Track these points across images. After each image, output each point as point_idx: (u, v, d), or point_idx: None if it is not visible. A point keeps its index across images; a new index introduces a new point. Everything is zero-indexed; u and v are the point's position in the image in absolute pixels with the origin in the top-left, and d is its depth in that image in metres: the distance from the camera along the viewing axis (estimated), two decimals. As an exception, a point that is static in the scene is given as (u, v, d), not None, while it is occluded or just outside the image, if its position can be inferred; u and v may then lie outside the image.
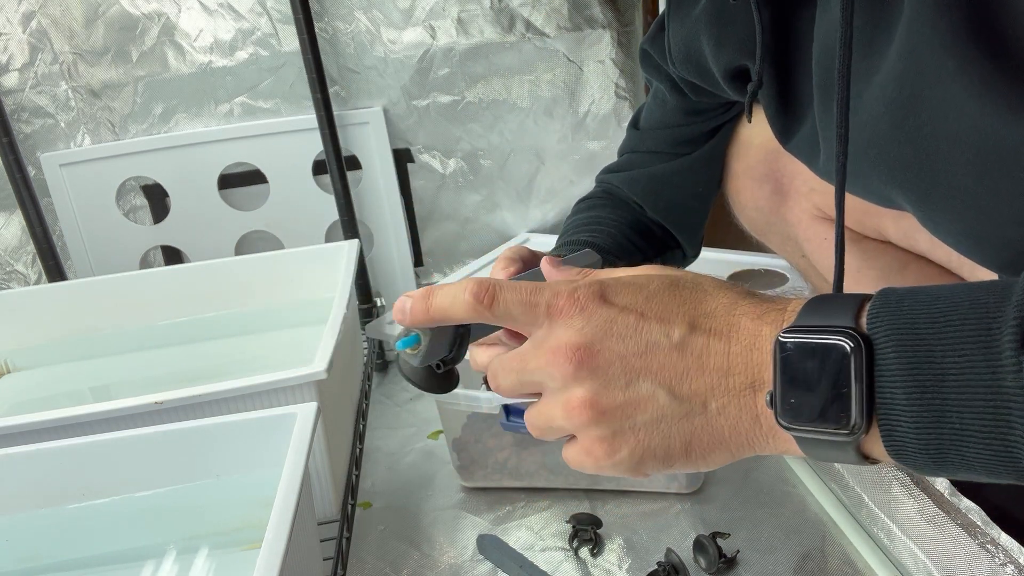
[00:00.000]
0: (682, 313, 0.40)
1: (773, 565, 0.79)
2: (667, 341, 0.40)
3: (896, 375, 0.34)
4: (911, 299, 0.36)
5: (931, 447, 0.34)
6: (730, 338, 0.39)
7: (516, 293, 0.42)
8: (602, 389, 0.40)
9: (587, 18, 1.21)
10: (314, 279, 1.02)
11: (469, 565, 0.84)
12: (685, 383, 0.40)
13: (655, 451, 0.41)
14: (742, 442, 0.40)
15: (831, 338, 0.36)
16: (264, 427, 0.65)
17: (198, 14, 1.15)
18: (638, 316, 0.40)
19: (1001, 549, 0.61)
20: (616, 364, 0.40)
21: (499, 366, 0.44)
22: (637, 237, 0.79)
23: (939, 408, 0.33)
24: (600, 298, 0.40)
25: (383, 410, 1.17)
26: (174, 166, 1.20)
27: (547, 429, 0.44)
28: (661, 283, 0.41)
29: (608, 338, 0.40)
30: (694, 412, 0.40)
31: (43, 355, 1.00)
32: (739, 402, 0.39)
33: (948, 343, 0.33)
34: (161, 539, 0.65)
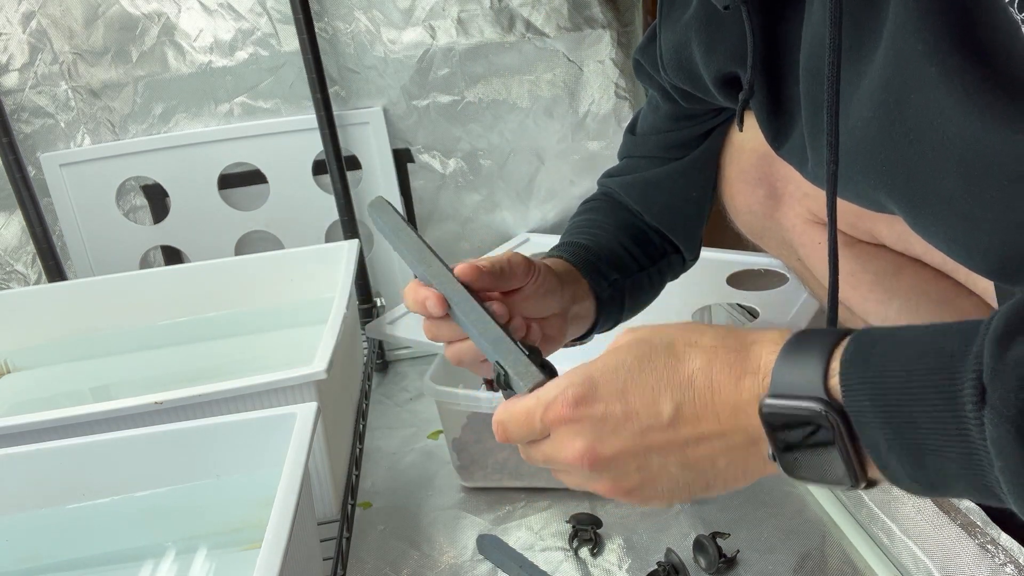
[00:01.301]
0: (662, 389, 0.43)
1: (773, 565, 0.79)
2: (659, 422, 0.43)
3: (873, 424, 0.37)
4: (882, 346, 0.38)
5: (923, 483, 0.37)
6: (715, 404, 0.42)
7: (517, 424, 0.48)
8: (619, 479, 0.46)
9: (587, 18, 1.21)
10: (314, 279, 1.02)
11: (469, 565, 0.84)
12: (689, 453, 0.44)
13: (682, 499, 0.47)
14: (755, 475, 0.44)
15: (806, 406, 0.38)
16: (264, 427, 0.65)
17: (198, 14, 1.15)
18: (624, 407, 0.44)
19: (1001, 549, 0.61)
20: (621, 455, 0.44)
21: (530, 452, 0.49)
22: (631, 243, 0.79)
23: (918, 454, 0.36)
24: (584, 399, 0.44)
25: (383, 410, 1.17)
26: (174, 166, 1.20)
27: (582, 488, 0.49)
28: (635, 361, 0.44)
29: (605, 437, 0.44)
30: (705, 470, 0.44)
31: (43, 355, 1.00)
32: (745, 454, 0.43)
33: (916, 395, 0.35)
34: (161, 539, 0.65)
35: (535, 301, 0.63)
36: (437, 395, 0.89)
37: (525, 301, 0.62)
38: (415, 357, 1.30)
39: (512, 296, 0.61)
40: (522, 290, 0.62)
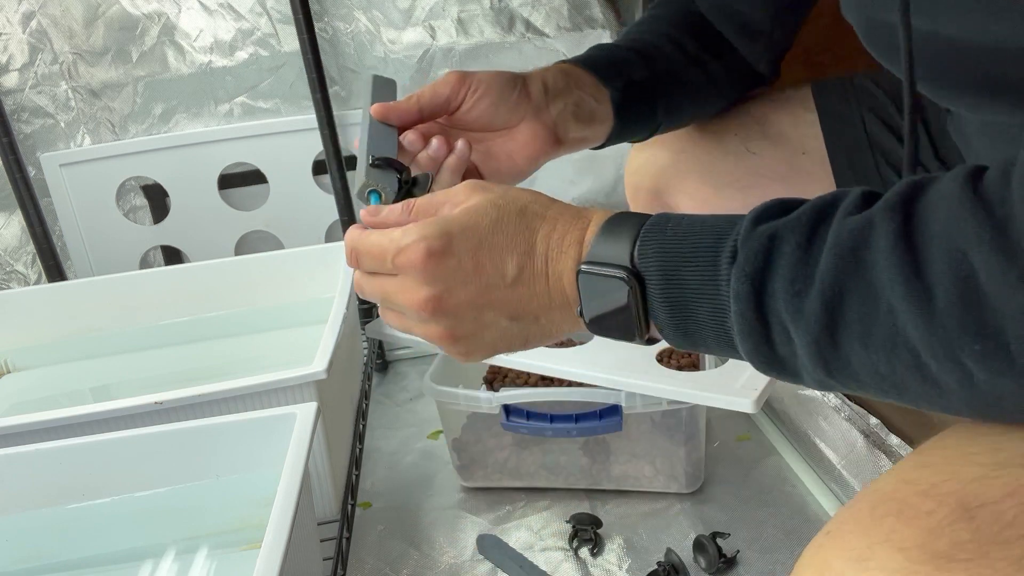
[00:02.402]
0: (510, 252, 0.48)
1: (773, 565, 0.79)
2: (502, 281, 0.48)
3: (656, 289, 0.45)
4: (674, 225, 0.45)
5: (687, 337, 0.45)
6: (547, 269, 0.48)
7: (368, 254, 0.50)
8: (455, 325, 0.49)
9: (587, 18, 1.21)
10: (314, 279, 1.02)
11: (469, 565, 0.84)
12: (520, 308, 0.49)
13: (501, 350, 0.52)
14: (564, 331, 0.51)
15: (611, 272, 0.45)
16: (264, 427, 0.65)
17: (198, 14, 1.15)
18: (474, 263, 0.48)
19: (1001, 549, 0.61)
20: (463, 306, 0.49)
21: (368, 287, 0.52)
22: (683, 34, 0.76)
23: (683, 305, 0.44)
24: (440, 252, 0.48)
25: (383, 410, 1.17)
26: (174, 166, 1.20)
27: (405, 331, 0.52)
28: (489, 222, 0.48)
29: (453, 288, 0.48)
30: (529, 325, 0.50)
31: (43, 355, 1.00)
32: (561, 313, 0.49)
33: (688, 259, 0.44)
34: (161, 539, 0.65)
35: (482, 113, 0.64)
36: (437, 395, 0.89)
37: (470, 116, 0.64)
38: (415, 357, 1.30)
39: (456, 116, 0.64)
40: (461, 107, 0.64)
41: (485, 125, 0.65)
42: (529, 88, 0.66)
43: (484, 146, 0.66)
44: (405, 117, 0.63)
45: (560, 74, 0.69)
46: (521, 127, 0.66)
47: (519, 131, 0.66)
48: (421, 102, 0.63)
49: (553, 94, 0.67)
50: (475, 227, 0.48)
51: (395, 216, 0.52)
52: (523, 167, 0.68)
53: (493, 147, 0.66)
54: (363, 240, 0.51)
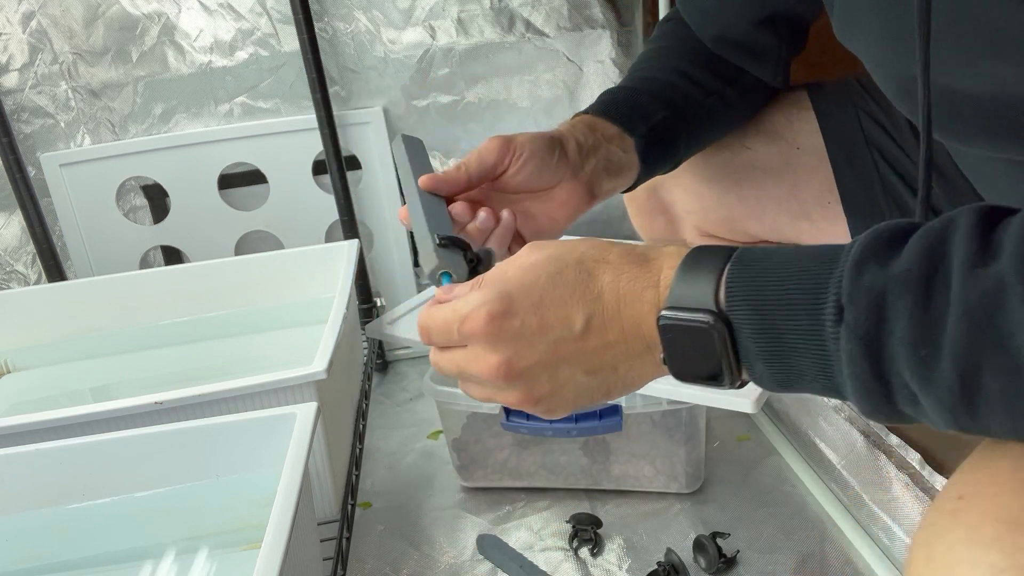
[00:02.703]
0: (575, 303, 0.47)
1: (773, 565, 0.79)
2: (571, 334, 0.47)
3: (748, 334, 0.42)
4: (761, 267, 0.43)
5: (780, 382, 0.43)
6: (620, 317, 0.46)
7: (438, 329, 0.50)
8: (531, 389, 0.48)
9: (587, 18, 1.21)
10: (314, 279, 1.02)
11: (469, 565, 0.84)
12: (595, 360, 0.47)
13: (584, 404, 0.50)
14: (649, 379, 0.49)
15: (696, 318, 0.43)
16: (264, 427, 0.65)
17: (198, 14, 1.15)
18: (539, 321, 0.47)
19: (1001, 549, 0.61)
20: (535, 367, 0.47)
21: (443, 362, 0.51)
22: (701, 71, 0.76)
23: (783, 358, 0.42)
24: (496, 318, 0.47)
25: (383, 410, 1.17)
26: (174, 166, 1.20)
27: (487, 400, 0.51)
28: (547, 277, 0.47)
29: (521, 350, 0.47)
30: (608, 376, 0.48)
31: (43, 355, 1.00)
32: (641, 361, 0.47)
33: (786, 311, 0.41)
34: (161, 539, 0.65)
35: (526, 177, 0.64)
36: (437, 395, 0.89)
37: (514, 180, 0.64)
38: (415, 357, 1.30)
39: (500, 180, 0.64)
40: (506, 172, 0.64)
41: (527, 187, 0.66)
42: (566, 149, 0.67)
43: (523, 207, 0.66)
44: (454, 188, 0.63)
45: (587, 129, 0.69)
46: (560, 187, 0.66)
47: (557, 191, 0.66)
48: (470, 171, 0.63)
49: (586, 152, 0.68)
50: (533, 283, 0.47)
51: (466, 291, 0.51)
52: (562, 224, 0.68)
53: (532, 208, 0.67)
54: (431, 316, 0.51)
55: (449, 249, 0.56)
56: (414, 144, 0.67)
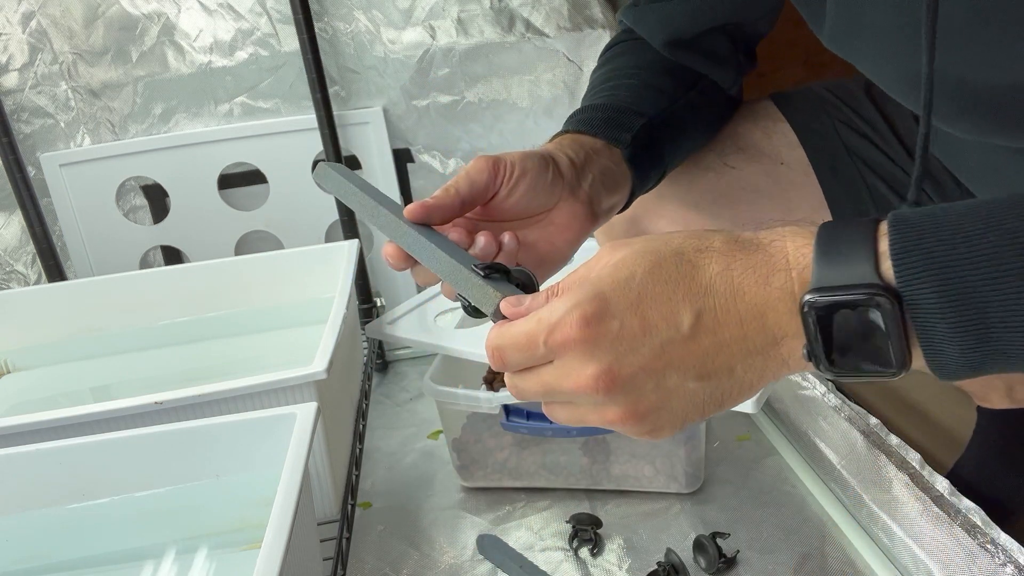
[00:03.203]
0: (680, 299, 0.40)
1: (773, 565, 0.79)
2: (679, 335, 0.40)
3: (934, 311, 0.36)
4: (931, 229, 0.36)
5: (974, 364, 0.37)
6: (738, 308, 0.40)
7: (515, 348, 0.43)
8: (636, 401, 0.42)
9: (587, 18, 1.21)
10: (314, 279, 1.02)
11: (469, 565, 0.84)
12: (708, 363, 0.41)
13: (694, 418, 0.43)
14: (767, 381, 0.42)
15: (859, 296, 0.36)
16: (264, 427, 0.65)
17: (198, 14, 1.15)
18: (641, 321, 0.40)
19: (1001, 549, 0.61)
20: (640, 375, 0.41)
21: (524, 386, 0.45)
22: (658, 76, 0.73)
23: (983, 335, 0.35)
24: (596, 318, 0.40)
25: (383, 410, 1.17)
26: (174, 166, 1.20)
27: (578, 423, 0.44)
28: (645, 272, 0.41)
29: (623, 357, 0.41)
30: (722, 380, 0.42)
31: (43, 355, 1.00)
32: (764, 359, 0.41)
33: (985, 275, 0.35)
34: (161, 539, 0.65)
35: (520, 198, 0.58)
36: (437, 395, 0.89)
37: (507, 203, 0.58)
38: (415, 357, 1.30)
39: (492, 205, 0.58)
40: (498, 195, 0.58)
41: (522, 211, 0.59)
42: (559, 165, 0.61)
43: (520, 235, 0.59)
44: (447, 214, 0.56)
45: (575, 144, 0.65)
46: (558, 208, 0.60)
47: (557, 213, 0.60)
48: (461, 195, 0.56)
49: (580, 167, 0.63)
50: (629, 280, 0.41)
51: (540, 301, 0.44)
52: (565, 252, 0.61)
53: (530, 235, 0.60)
54: (506, 333, 0.43)
55: (495, 279, 0.48)
56: (346, 171, 0.59)
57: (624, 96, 0.72)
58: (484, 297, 0.47)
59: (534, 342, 0.42)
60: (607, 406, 0.42)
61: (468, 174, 0.57)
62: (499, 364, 0.44)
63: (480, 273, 0.48)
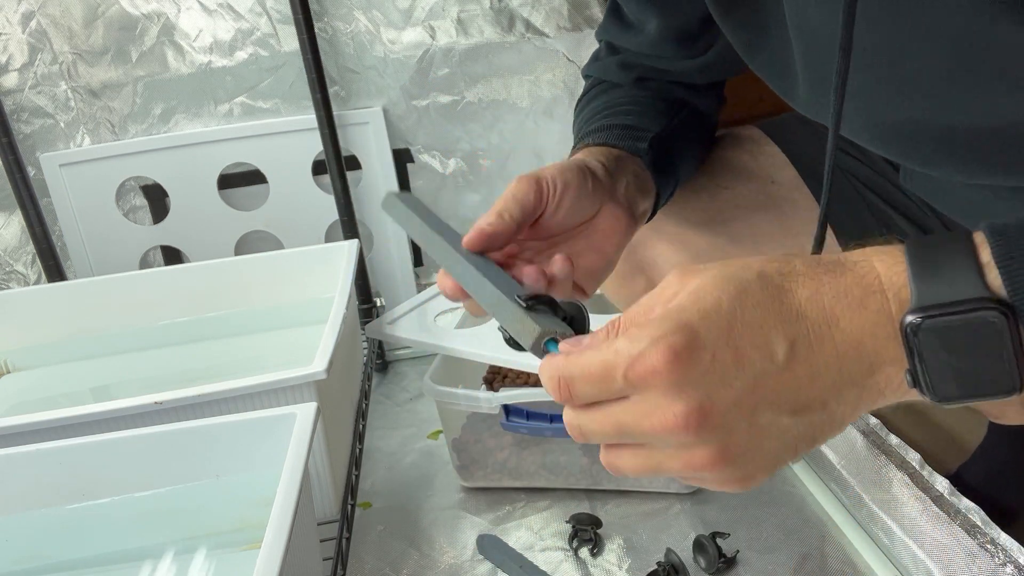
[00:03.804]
0: (772, 326, 0.37)
1: (773, 565, 0.79)
2: (773, 367, 0.37)
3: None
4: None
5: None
6: (833, 335, 0.37)
7: (586, 378, 0.39)
8: (727, 441, 0.37)
9: (587, 18, 1.21)
10: (314, 279, 1.02)
11: (469, 565, 0.84)
12: (802, 396, 0.38)
13: (785, 461, 0.39)
14: (864, 411, 0.39)
15: (973, 315, 0.34)
16: (264, 427, 0.65)
17: (197, 14, 1.15)
18: (734, 353, 0.37)
19: (1001, 549, 0.61)
20: (732, 412, 0.37)
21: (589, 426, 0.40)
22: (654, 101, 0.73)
23: None
24: (681, 356, 0.36)
25: (383, 410, 1.17)
26: (174, 166, 1.20)
27: (650, 474, 0.40)
28: (731, 299, 0.37)
29: (716, 391, 0.37)
30: (816, 415, 0.38)
31: (43, 355, 1.00)
32: (859, 390, 0.38)
33: None
34: (161, 539, 0.65)
35: (567, 212, 0.57)
36: (437, 395, 0.89)
37: (555, 219, 0.57)
38: (415, 357, 1.30)
39: (539, 223, 0.57)
40: (545, 212, 0.56)
41: (569, 224, 0.58)
42: (595, 172, 0.60)
43: (567, 247, 0.59)
44: (506, 240, 0.54)
45: (603, 153, 0.64)
46: (601, 215, 0.60)
47: (600, 220, 0.60)
48: (515, 219, 0.54)
49: (613, 172, 0.62)
50: (717, 308, 0.37)
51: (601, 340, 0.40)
52: (612, 257, 0.61)
53: (576, 246, 0.59)
54: (574, 363, 0.39)
55: (540, 311, 0.45)
56: (411, 200, 0.58)
57: (624, 119, 0.72)
58: (523, 329, 0.44)
59: (610, 374, 0.38)
60: (694, 448, 0.37)
61: (515, 197, 0.55)
62: (564, 396, 0.40)
63: (523, 304, 0.45)
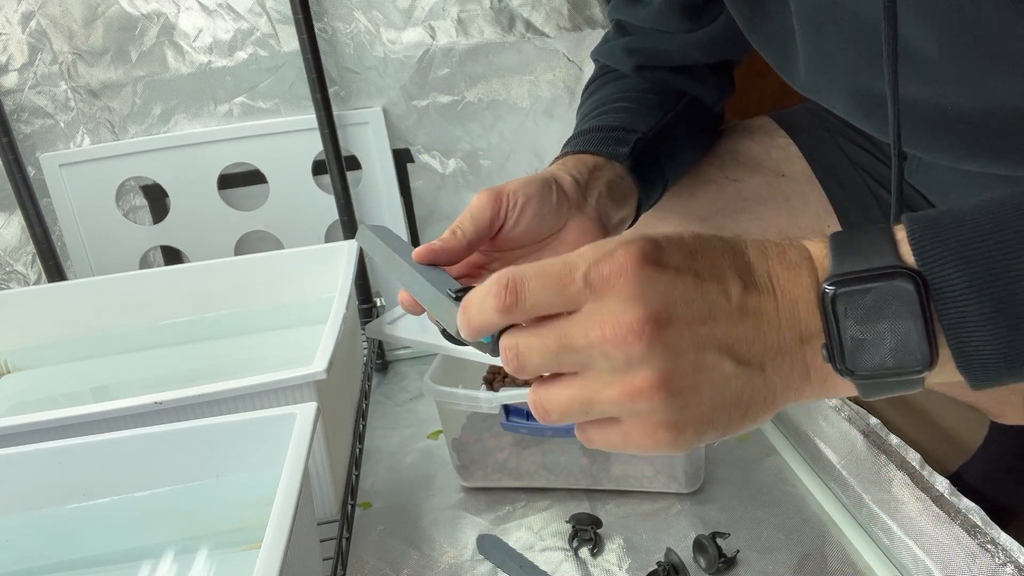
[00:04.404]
0: (729, 268, 0.37)
1: (773, 565, 0.79)
2: (727, 303, 0.36)
3: (964, 296, 0.33)
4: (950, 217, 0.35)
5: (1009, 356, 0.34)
6: (774, 292, 0.37)
7: (542, 277, 0.36)
8: (673, 367, 0.35)
9: (587, 18, 1.21)
10: (314, 279, 1.02)
11: (469, 565, 0.84)
12: (746, 347, 0.37)
13: (716, 425, 0.37)
14: (789, 395, 0.38)
15: (883, 282, 0.34)
16: (264, 427, 0.65)
17: (197, 14, 1.15)
18: (695, 276, 0.36)
19: (1001, 549, 0.61)
20: (685, 334, 0.35)
21: (527, 343, 0.37)
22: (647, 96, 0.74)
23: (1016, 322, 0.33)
24: (649, 260, 0.35)
25: (383, 410, 1.17)
26: (174, 166, 1.20)
27: (578, 413, 0.38)
28: (692, 237, 0.38)
29: (675, 305, 0.35)
30: (754, 376, 0.37)
31: (43, 355, 1.00)
32: (791, 358, 0.37)
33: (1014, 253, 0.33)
34: (161, 539, 0.65)
35: (527, 225, 0.58)
36: (437, 395, 0.89)
37: (515, 232, 0.58)
38: (415, 357, 1.30)
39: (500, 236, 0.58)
40: (505, 226, 0.58)
41: (532, 237, 0.59)
42: (562, 185, 0.61)
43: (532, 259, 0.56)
44: (454, 255, 0.55)
45: (578, 163, 0.65)
46: (568, 228, 0.60)
47: (567, 233, 0.60)
48: (467, 235, 0.55)
49: (584, 185, 0.63)
50: (679, 237, 0.37)
51: None
52: None
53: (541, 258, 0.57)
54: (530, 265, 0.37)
55: None
56: (382, 231, 0.60)
57: (614, 118, 0.72)
58: (451, 317, 0.45)
59: (570, 275, 0.36)
60: (638, 369, 0.35)
61: (472, 213, 0.56)
62: (510, 300, 0.36)
63: (452, 296, 0.47)
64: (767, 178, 0.81)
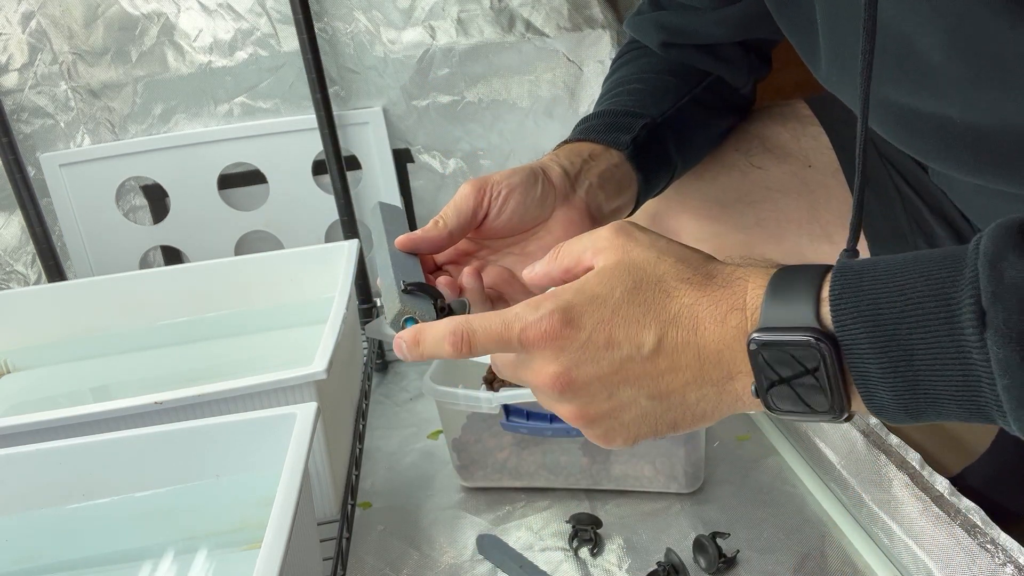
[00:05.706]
0: (648, 322, 0.43)
1: (773, 565, 0.79)
2: (639, 354, 0.43)
3: (867, 355, 0.37)
4: (870, 277, 0.38)
5: (909, 409, 0.38)
6: (698, 338, 0.42)
7: (488, 335, 0.45)
8: (587, 405, 0.45)
9: (587, 18, 1.21)
10: (314, 279, 1.02)
11: (469, 565, 0.84)
12: (662, 384, 0.43)
13: (645, 435, 0.46)
14: (724, 412, 0.44)
15: (798, 337, 0.39)
16: (264, 427, 0.65)
17: (197, 14, 1.15)
18: (607, 337, 0.43)
19: (1001, 549, 0.61)
20: (594, 384, 0.44)
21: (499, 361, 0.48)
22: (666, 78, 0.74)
23: (912, 380, 0.37)
24: (567, 325, 0.43)
25: (383, 410, 1.17)
26: (174, 166, 1.20)
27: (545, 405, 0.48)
28: (624, 291, 0.43)
29: (582, 364, 0.43)
30: (675, 404, 0.44)
31: (43, 355, 1.00)
32: (718, 389, 0.43)
33: (912, 322, 0.36)
34: (161, 539, 0.65)
35: (511, 215, 0.60)
36: (437, 395, 0.89)
37: (498, 222, 0.60)
38: (415, 357, 1.30)
39: (484, 226, 0.60)
40: (488, 216, 0.60)
41: (516, 227, 0.61)
42: (550, 176, 0.62)
43: (519, 249, 0.62)
44: (435, 245, 0.59)
45: (571, 153, 0.66)
46: (554, 218, 0.62)
47: (553, 223, 0.62)
48: (448, 226, 0.58)
49: (574, 176, 0.64)
50: (608, 297, 0.43)
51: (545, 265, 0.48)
52: None
53: (529, 247, 0.62)
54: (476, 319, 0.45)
55: (415, 295, 0.52)
56: (392, 211, 0.62)
57: (626, 100, 0.72)
58: (391, 306, 0.50)
59: (508, 336, 0.44)
60: (562, 404, 0.45)
61: (455, 203, 0.59)
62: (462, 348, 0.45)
63: (401, 288, 0.51)
64: (793, 168, 0.80)
